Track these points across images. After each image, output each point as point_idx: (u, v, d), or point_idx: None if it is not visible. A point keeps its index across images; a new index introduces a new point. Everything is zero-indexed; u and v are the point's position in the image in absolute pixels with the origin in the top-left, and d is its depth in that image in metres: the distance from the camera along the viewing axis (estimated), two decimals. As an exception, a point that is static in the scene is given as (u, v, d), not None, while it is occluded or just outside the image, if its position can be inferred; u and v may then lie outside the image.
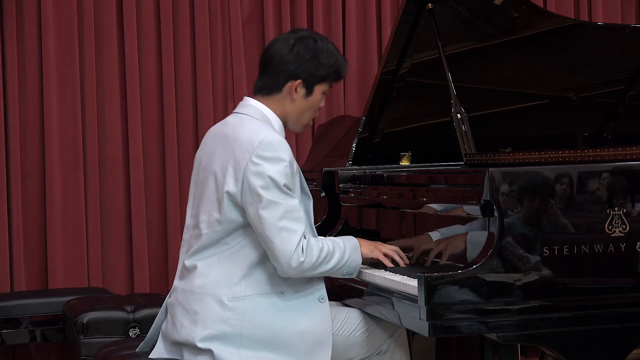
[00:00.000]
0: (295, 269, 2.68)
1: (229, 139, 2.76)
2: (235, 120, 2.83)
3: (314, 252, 2.69)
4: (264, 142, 2.68)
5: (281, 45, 2.82)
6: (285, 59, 2.80)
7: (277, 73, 2.81)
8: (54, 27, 4.61)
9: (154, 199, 4.74)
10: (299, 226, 2.68)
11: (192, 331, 2.71)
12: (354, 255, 2.81)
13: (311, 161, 4.25)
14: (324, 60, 2.81)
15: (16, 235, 4.57)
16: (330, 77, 2.85)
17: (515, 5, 3.65)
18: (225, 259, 2.74)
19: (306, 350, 2.72)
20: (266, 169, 2.66)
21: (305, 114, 2.87)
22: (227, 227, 2.73)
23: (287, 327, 2.71)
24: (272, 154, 2.68)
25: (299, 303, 2.75)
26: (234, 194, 2.70)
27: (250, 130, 2.74)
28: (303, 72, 2.80)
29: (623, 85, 4.00)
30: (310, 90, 2.82)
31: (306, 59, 2.80)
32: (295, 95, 2.81)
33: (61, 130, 4.61)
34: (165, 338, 2.84)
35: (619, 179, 2.62)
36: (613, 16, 5.27)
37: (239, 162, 2.70)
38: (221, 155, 2.76)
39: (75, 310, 3.95)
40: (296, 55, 2.79)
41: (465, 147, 3.39)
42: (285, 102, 2.83)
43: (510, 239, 2.53)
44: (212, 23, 4.79)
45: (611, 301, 2.59)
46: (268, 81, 2.83)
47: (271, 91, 2.83)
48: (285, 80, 2.81)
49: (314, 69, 2.80)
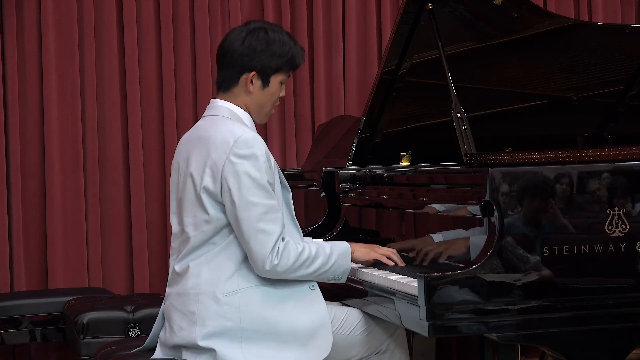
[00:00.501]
0: (268, 272, 2.69)
1: (204, 140, 2.77)
2: (206, 123, 2.83)
3: (290, 256, 2.70)
4: (240, 141, 2.69)
5: (233, 38, 2.83)
6: (237, 51, 2.80)
7: (231, 66, 2.81)
8: (54, 27, 4.61)
9: (154, 199, 4.74)
10: (275, 228, 2.69)
11: (192, 332, 2.71)
12: (341, 261, 2.80)
13: (311, 161, 4.25)
14: (277, 50, 2.81)
15: (16, 235, 4.57)
16: (285, 67, 2.85)
17: (515, 5, 3.65)
18: (214, 257, 2.74)
19: (306, 336, 2.73)
20: (244, 166, 2.67)
21: (266, 105, 2.87)
22: (214, 226, 2.73)
23: (285, 316, 2.72)
24: (249, 151, 2.68)
25: (291, 292, 2.76)
26: (212, 191, 2.71)
27: (224, 130, 2.74)
28: (257, 63, 2.80)
29: (623, 85, 4.00)
30: (266, 81, 2.83)
31: (258, 50, 2.80)
32: (251, 87, 2.82)
33: (61, 130, 4.61)
34: (164, 345, 2.83)
35: (619, 179, 2.62)
36: (613, 16, 5.27)
37: (215, 162, 2.70)
38: (197, 158, 2.76)
39: (75, 310, 3.95)
40: (248, 47, 2.80)
41: (465, 147, 3.39)
42: (243, 95, 2.83)
43: (510, 239, 2.53)
44: (212, 23, 4.80)
45: (611, 301, 2.59)
46: (225, 76, 2.84)
47: (229, 86, 2.84)
48: (240, 73, 2.81)
49: (267, 59, 2.81)
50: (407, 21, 3.63)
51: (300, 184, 4.00)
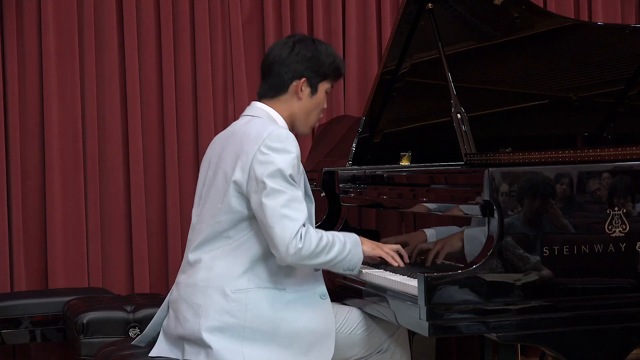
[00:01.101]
0: (293, 256, 2.68)
1: (238, 135, 2.82)
2: (243, 121, 2.89)
3: (312, 240, 2.70)
4: (273, 134, 2.73)
5: (280, 48, 2.90)
6: (287, 60, 2.87)
7: (281, 74, 2.87)
8: (54, 27, 4.61)
9: (154, 199, 4.73)
10: (300, 215, 2.70)
11: (196, 324, 2.72)
12: (355, 250, 2.81)
13: (311, 161, 4.24)
14: (324, 59, 2.89)
15: (16, 235, 4.57)
16: (332, 75, 2.92)
17: (515, 5, 3.65)
18: (229, 253, 2.76)
19: (309, 343, 2.73)
20: (273, 158, 2.70)
21: (312, 114, 2.92)
22: (231, 218, 2.75)
23: (291, 319, 2.73)
24: (280, 145, 2.72)
25: (300, 298, 2.77)
26: (240, 182, 2.73)
27: (259, 126, 2.79)
28: (306, 70, 2.87)
29: (623, 85, 4.00)
30: (315, 88, 2.89)
31: (308, 58, 2.87)
32: (301, 94, 2.88)
33: (61, 130, 4.61)
34: (167, 334, 2.85)
35: (619, 179, 2.62)
36: (613, 16, 5.27)
37: (247, 152, 2.74)
38: (230, 151, 2.80)
39: (75, 310, 3.95)
40: (297, 55, 2.87)
41: (465, 147, 3.39)
42: (292, 102, 2.88)
43: (510, 239, 2.53)
44: (212, 23, 4.79)
45: (611, 301, 2.59)
46: (272, 84, 2.89)
47: (277, 94, 2.88)
48: (290, 80, 2.87)
49: (316, 67, 2.88)
50: (407, 21, 3.63)
51: (300, 184, 4.00)
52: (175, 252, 4.67)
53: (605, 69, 3.97)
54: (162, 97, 4.74)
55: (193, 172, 4.74)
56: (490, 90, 3.93)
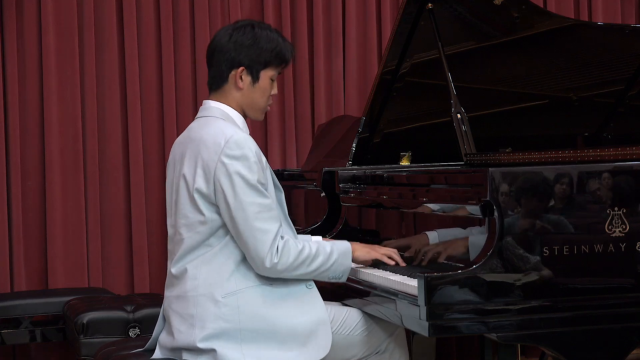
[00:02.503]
0: (269, 270, 2.69)
1: (195, 141, 2.77)
2: (198, 124, 2.84)
3: (290, 254, 2.70)
4: (231, 141, 2.69)
5: (220, 36, 2.84)
6: (225, 48, 2.81)
7: (220, 64, 2.82)
8: (54, 27, 4.61)
9: (154, 199, 4.74)
10: (272, 226, 2.69)
11: (191, 335, 2.71)
12: (342, 260, 2.81)
13: (311, 161, 4.25)
14: (264, 45, 2.81)
15: (16, 235, 4.57)
16: (274, 62, 2.84)
17: (515, 5, 3.65)
18: (211, 259, 2.74)
19: (306, 334, 2.73)
20: (236, 167, 2.67)
21: (258, 102, 2.86)
22: (209, 227, 2.73)
23: (283, 315, 2.72)
24: (240, 152, 2.69)
25: (289, 291, 2.76)
26: (205, 193, 2.71)
27: (215, 131, 2.75)
28: (244, 58, 2.81)
29: (623, 85, 4.00)
30: (255, 76, 2.83)
31: (245, 46, 2.80)
32: (240, 83, 2.82)
33: (61, 130, 4.61)
34: (163, 348, 2.84)
35: (619, 179, 2.62)
36: (613, 16, 5.27)
37: (207, 163, 2.71)
38: (189, 159, 2.76)
39: (75, 310, 3.95)
40: (235, 42, 2.80)
41: (465, 147, 3.39)
42: (234, 92, 2.83)
43: (510, 239, 2.53)
44: (212, 23, 4.79)
45: (611, 301, 2.59)
46: (214, 74, 2.84)
47: (220, 84, 2.84)
48: (228, 70, 2.82)
49: (255, 54, 2.81)
50: (407, 21, 3.63)
51: (300, 184, 4.00)
52: (175, 252, 4.67)
53: (605, 69, 3.97)
54: (162, 97, 4.74)
55: (193, 172, 4.73)
56: (490, 90, 3.93)
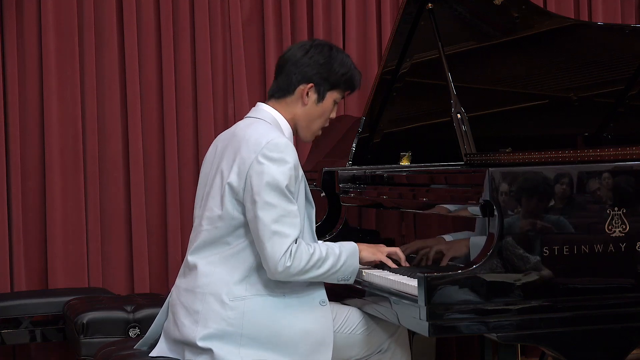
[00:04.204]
0: (281, 274, 2.69)
1: (238, 138, 2.80)
2: (245, 123, 2.87)
3: (302, 258, 2.70)
4: (271, 143, 2.71)
5: (296, 49, 2.87)
6: (299, 62, 2.84)
7: (290, 75, 2.85)
8: (54, 27, 4.61)
9: (154, 199, 4.73)
10: (292, 231, 2.69)
11: (193, 330, 2.71)
12: (350, 261, 2.81)
13: (311, 161, 4.24)
14: (337, 68, 2.85)
15: (16, 235, 4.56)
16: (342, 86, 2.88)
17: (515, 5, 3.65)
18: (227, 259, 2.75)
19: (306, 350, 2.72)
20: (270, 169, 2.68)
21: (316, 121, 2.90)
22: (229, 224, 2.74)
23: (288, 327, 2.72)
24: (278, 155, 2.70)
25: (300, 304, 2.76)
26: (236, 188, 2.72)
27: (260, 131, 2.77)
28: (315, 75, 2.84)
29: (623, 85, 4.00)
30: (322, 96, 2.86)
31: (319, 64, 2.84)
32: (306, 99, 2.85)
33: (61, 130, 4.61)
34: (167, 336, 2.85)
35: (619, 179, 2.62)
36: (613, 16, 5.27)
37: (244, 160, 2.72)
38: (229, 154, 2.79)
39: (75, 310, 3.95)
40: (310, 59, 2.84)
41: (465, 147, 3.39)
42: (296, 106, 2.86)
43: (510, 238, 2.53)
44: (212, 23, 4.79)
45: (611, 301, 2.59)
46: (281, 84, 2.87)
47: (284, 94, 2.86)
48: (297, 83, 2.84)
49: (326, 74, 2.84)
50: (407, 21, 3.63)
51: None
52: (175, 252, 4.67)
53: (605, 69, 3.97)
54: (162, 97, 4.74)
55: (193, 172, 4.74)
56: (490, 90, 3.93)
